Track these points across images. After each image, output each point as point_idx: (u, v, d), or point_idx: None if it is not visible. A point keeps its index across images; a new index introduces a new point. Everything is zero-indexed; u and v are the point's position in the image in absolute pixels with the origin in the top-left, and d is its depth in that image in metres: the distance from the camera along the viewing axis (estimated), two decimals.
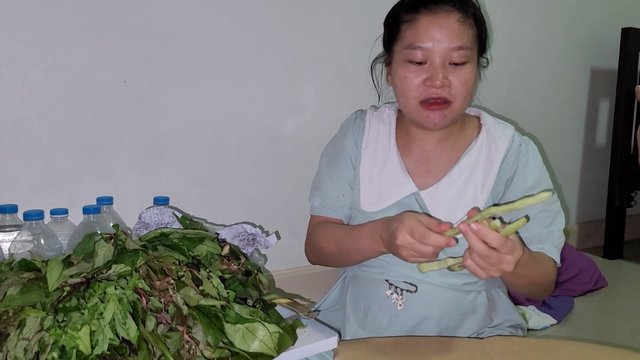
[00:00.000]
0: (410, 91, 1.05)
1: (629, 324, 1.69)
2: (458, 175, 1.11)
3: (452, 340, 1.01)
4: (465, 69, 1.04)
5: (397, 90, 1.10)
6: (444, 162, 1.13)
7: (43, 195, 1.35)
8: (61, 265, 0.84)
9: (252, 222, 1.63)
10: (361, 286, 1.15)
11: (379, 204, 1.13)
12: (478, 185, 1.10)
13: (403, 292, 1.10)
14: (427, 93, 1.04)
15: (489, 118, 1.16)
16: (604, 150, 2.52)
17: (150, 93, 1.46)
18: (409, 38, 1.04)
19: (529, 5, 2.18)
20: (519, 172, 1.10)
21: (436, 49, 1.02)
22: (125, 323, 0.77)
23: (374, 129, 1.19)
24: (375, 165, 1.15)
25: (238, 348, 0.81)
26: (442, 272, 1.07)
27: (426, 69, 1.04)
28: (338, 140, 1.23)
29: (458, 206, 1.09)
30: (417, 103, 1.06)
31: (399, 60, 1.07)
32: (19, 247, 1.15)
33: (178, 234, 0.98)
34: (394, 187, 1.12)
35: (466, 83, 1.04)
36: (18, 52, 1.31)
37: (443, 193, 1.10)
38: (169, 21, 1.47)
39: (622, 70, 2.29)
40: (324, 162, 1.23)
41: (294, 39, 1.65)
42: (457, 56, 1.03)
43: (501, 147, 1.11)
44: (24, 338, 0.74)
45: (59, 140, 1.37)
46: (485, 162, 1.11)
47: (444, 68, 1.03)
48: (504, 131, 1.13)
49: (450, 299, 1.09)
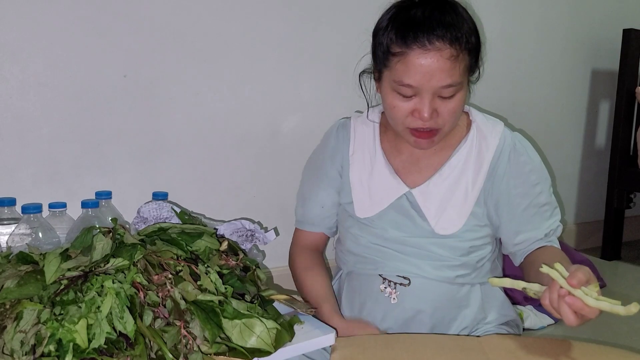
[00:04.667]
0: (399, 119, 1.05)
1: (627, 324, 1.69)
2: (449, 173, 1.11)
3: (449, 337, 1.02)
4: (454, 100, 1.02)
5: (386, 111, 1.09)
6: (434, 161, 1.13)
7: (42, 188, 1.35)
8: (59, 258, 0.84)
9: (251, 218, 1.64)
10: (356, 283, 1.16)
11: (372, 208, 1.14)
12: (469, 183, 1.10)
13: (396, 286, 1.10)
14: (415, 123, 1.03)
15: (478, 114, 1.15)
16: (603, 151, 2.52)
17: (150, 88, 1.46)
18: (399, 73, 1.01)
19: (529, 6, 2.18)
20: (517, 170, 1.10)
21: (425, 86, 0.99)
22: (123, 317, 0.77)
23: (360, 134, 1.19)
24: (365, 170, 1.16)
25: (235, 343, 0.81)
26: (435, 266, 1.10)
27: (415, 102, 1.02)
28: (319, 152, 1.24)
29: (449, 203, 1.10)
30: (405, 128, 1.06)
31: (388, 88, 1.05)
32: (16, 240, 1.15)
33: (176, 228, 0.98)
34: (385, 189, 1.13)
35: (455, 112, 1.03)
36: (18, 45, 1.30)
37: (434, 190, 1.11)
38: (170, 17, 1.47)
39: (623, 71, 2.28)
40: (305, 173, 1.28)
41: (294, 36, 1.65)
42: (446, 92, 1.01)
43: (492, 144, 1.11)
44: (20, 331, 0.74)
45: (59, 134, 1.37)
46: (476, 159, 1.11)
47: (433, 102, 1.01)
48: (494, 127, 1.13)
49: (444, 292, 1.10)
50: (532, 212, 1.10)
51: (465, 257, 1.10)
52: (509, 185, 1.09)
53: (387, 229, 1.12)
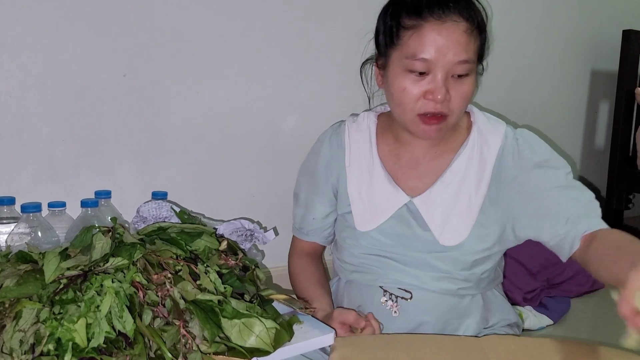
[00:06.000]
0: (409, 103, 0.99)
1: (625, 325, 1.69)
2: (451, 180, 1.06)
3: (449, 338, 1.01)
4: (466, 82, 0.99)
5: (392, 98, 1.03)
6: (435, 166, 1.08)
7: (41, 187, 1.35)
8: (58, 257, 0.84)
9: (250, 218, 1.63)
10: (356, 293, 1.13)
11: (373, 221, 1.09)
12: (472, 189, 1.05)
13: (398, 299, 1.08)
14: (426, 107, 0.99)
15: (480, 114, 1.11)
16: (603, 152, 2.52)
17: (150, 87, 1.46)
18: (412, 47, 0.97)
19: (529, 6, 2.18)
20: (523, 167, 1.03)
21: (441, 61, 0.96)
22: (122, 316, 0.77)
23: (355, 142, 1.14)
24: (363, 181, 1.11)
25: (234, 343, 0.81)
26: (437, 277, 1.06)
27: (428, 81, 0.97)
28: (313, 160, 1.19)
29: (453, 212, 1.05)
30: (414, 115, 1.00)
31: (398, 68, 1.00)
32: (16, 239, 1.15)
33: (176, 228, 0.98)
34: (386, 200, 1.09)
35: (466, 97, 1.00)
36: (18, 44, 1.30)
37: (437, 199, 1.06)
38: (170, 16, 1.47)
39: (623, 72, 2.28)
40: (300, 179, 1.24)
41: (295, 35, 1.65)
42: (460, 69, 0.97)
43: (493, 147, 1.06)
44: (20, 330, 0.74)
45: (58, 134, 1.36)
46: (478, 163, 1.06)
47: (446, 81, 0.97)
48: (496, 129, 1.08)
49: (446, 304, 1.07)
50: (556, 195, 0.99)
51: (467, 271, 1.06)
52: (518, 184, 1.03)
53: (387, 241, 1.08)
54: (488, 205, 1.05)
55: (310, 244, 1.23)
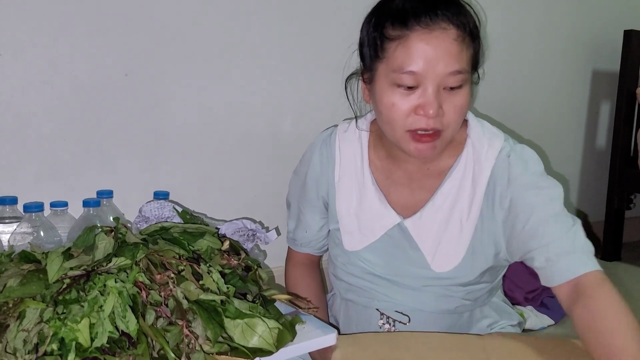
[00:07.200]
0: (399, 120, 0.92)
1: None
2: (441, 202, 0.99)
3: (451, 336, 1.01)
4: (460, 94, 0.91)
5: (380, 115, 0.96)
6: (427, 184, 1.02)
7: (43, 187, 1.35)
8: (61, 257, 0.84)
9: (253, 217, 1.64)
10: (353, 313, 1.11)
11: (363, 241, 1.05)
12: (464, 212, 0.98)
13: (395, 323, 1.05)
14: (417, 123, 0.90)
15: (476, 127, 1.01)
16: (604, 152, 2.52)
17: (152, 87, 1.46)
18: (399, 60, 0.89)
19: (530, 7, 2.18)
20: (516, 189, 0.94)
21: (431, 74, 0.88)
22: (125, 316, 0.77)
23: (346, 155, 1.07)
24: (352, 198, 1.06)
25: (237, 343, 0.81)
26: (434, 297, 1.03)
27: (418, 95, 0.90)
28: (304, 169, 1.15)
29: (444, 237, 0.99)
30: (404, 132, 0.92)
31: (385, 83, 0.92)
32: (18, 239, 1.15)
33: (178, 228, 0.98)
34: (376, 221, 1.03)
35: (461, 110, 0.92)
36: (20, 43, 1.30)
37: (427, 223, 1.00)
38: (172, 16, 1.47)
39: (624, 72, 2.29)
40: (291, 188, 1.21)
41: (296, 36, 1.65)
42: (452, 81, 0.89)
43: (486, 167, 0.97)
44: (23, 329, 0.74)
45: (60, 133, 1.37)
46: (470, 184, 0.98)
47: (438, 95, 0.89)
48: (491, 145, 0.98)
49: (445, 322, 1.05)
50: (543, 224, 0.91)
51: (464, 291, 1.03)
52: (508, 205, 0.95)
53: (378, 261, 1.05)
54: (480, 229, 0.99)
55: (305, 255, 1.21)
